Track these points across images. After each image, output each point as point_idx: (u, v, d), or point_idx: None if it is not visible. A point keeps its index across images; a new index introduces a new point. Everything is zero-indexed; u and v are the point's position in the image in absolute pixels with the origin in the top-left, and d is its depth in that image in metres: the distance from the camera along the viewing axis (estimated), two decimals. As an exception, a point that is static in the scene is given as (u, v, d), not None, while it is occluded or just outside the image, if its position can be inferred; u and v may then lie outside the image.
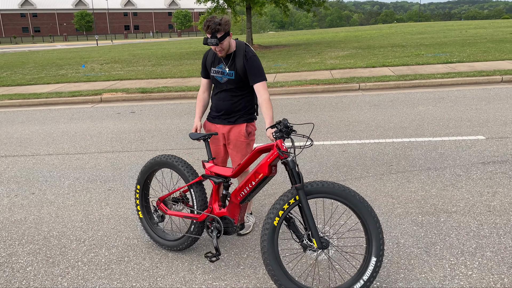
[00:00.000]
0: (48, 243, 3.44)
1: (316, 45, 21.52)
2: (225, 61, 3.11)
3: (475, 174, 4.34)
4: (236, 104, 3.18)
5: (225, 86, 3.15)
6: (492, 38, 18.76)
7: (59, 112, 9.21)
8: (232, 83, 3.12)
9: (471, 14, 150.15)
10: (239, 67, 3.05)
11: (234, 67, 3.08)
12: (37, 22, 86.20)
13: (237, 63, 3.06)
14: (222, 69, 3.11)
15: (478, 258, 2.89)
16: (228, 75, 3.10)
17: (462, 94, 8.43)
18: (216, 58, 3.15)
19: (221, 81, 3.14)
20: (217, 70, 3.15)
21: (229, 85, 3.13)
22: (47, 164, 5.51)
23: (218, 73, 3.14)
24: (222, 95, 3.18)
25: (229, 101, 3.17)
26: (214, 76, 3.17)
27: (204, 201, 3.00)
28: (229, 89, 3.15)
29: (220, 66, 3.12)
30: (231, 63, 3.09)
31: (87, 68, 16.79)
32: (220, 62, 3.13)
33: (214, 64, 3.16)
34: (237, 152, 3.23)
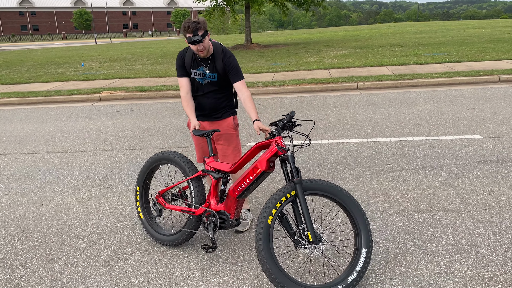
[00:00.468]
0: (47, 240, 3.47)
1: (315, 44, 21.55)
2: (204, 63, 3.16)
3: (472, 172, 4.38)
4: (220, 101, 3.29)
5: (206, 88, 3.22)
6: (490, 38, 18.81)
7: (58, 110, 9.22)
8: (215, 84, 3.20)
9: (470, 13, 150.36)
10: (220, 68, 3.14)
11: (215, 69, 3.15)
12: (35, 20, 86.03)
13: (218, 65, 3.14)
14: (203, 71, 3.17)
15: (473, 256, 2.92)
16: (210, 77, 3.18)
17: (459, 93, 8.47)
18: (195, 60, 3.18)
19: (202, 83, 3.20)
20: (198, 72, 3.19)
21: (211, 86, 3.21)
22: (46, 162, 5.53)
23: (199, 75, 3.19)
24: (204, 95, 3.25)
25: (213, 99, 3.26)
26: (195, 78, 3.21)
27: (202, 196, 3.06)
28: (211, 90, 3.23)
29: (201, 69, 3.17)
30: (211, 65, 3.15)
31: (86, 67, 16.79)
32: (200, 64, 3.17)
33: (194, 66, 3.19)
34: (229, 145, 3.34)
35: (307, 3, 21.47)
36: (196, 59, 3.18)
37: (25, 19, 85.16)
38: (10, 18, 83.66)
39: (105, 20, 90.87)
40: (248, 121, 7.17)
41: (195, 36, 2.93)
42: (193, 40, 2.94)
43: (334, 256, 3.02)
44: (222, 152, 3.38)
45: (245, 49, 20.33)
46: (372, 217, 3.56)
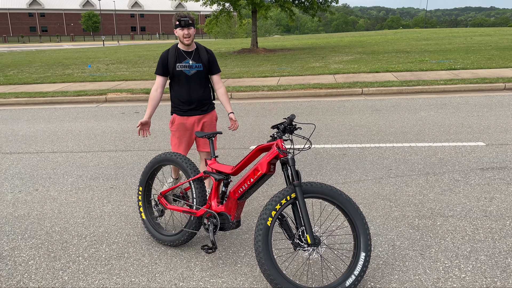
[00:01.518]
0: (50, 238, 3.51)
1: (321, 50, 21.59)
2: (190, 56, 3.53)
3: (473, 179, 4.38)
4: (205, 93, 3.66)
5: (193, 79, 3.55)
6: (497, 46, 18.76)
7: (64, 111, 9.31)
8: (201, 73, 3.57)
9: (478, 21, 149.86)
10: (204, 60, 3.57)
11: (200, 60, 3.56)
12: (44, 22, 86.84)
13: (202, 57, 3.56)
14: (190, 63, 3.52)
15: (472, 262, 2.93)
16: (197, 67, 3.54)
17: (464, 100, 8.46)
18: (180, 55, 3.52)
19: (189, 73, 3.53)
20: (184, 65, 3.51)
21: (198, 76, 3.56)
22: (51, 162, 5.59)
23: (186, 67, 3.52)
24: (191, 88, 3.57)
25: (199, 91, 3.60)
26: (182, 71, 3.51)
27: (203, 197, 3.10)
28: (197, 80, 3.57)
29: (187, 61, 3.52)
30: (197, 57, 3.55)
31: (93, 68, 16.93)
32: (185, 58, 3.52)
33: (179, 60, 3.52)
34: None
35: (314, 9, 21.53)
36: (180, 54, 3.52)
37: (34, 20, 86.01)
38: (20, 19, 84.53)
39: (113, 23, 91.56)
40: (251, 124, 7.21)
41: (186, 18, 3.35)
42: (183, 19, 3.35)
43: (333, 259, 3.04)
44: (204, 140, 3.76)
45: (251, 53, 20.42)
46: (373, 221, 3.57)
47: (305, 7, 21.60)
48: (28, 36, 79.47)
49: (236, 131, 6.82)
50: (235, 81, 12.08)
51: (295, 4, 21.67)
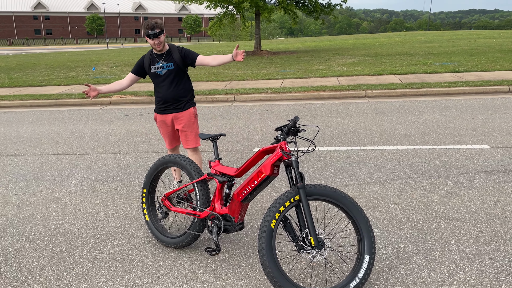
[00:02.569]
0: (54, 239, 3.52)
1: (324, 52, 21.59)
2: (160, 58, 3.81)
3: (478, 182, 4.36)
4: (180, 91, 3.88)
5: (165, 77, 3.81)
6: (501, 48, 18.70)
7: (68, 113, 9.35)
8: (172, 72, 3.82)
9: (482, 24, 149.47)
10: (177, 58, 3.81)
11: (172, 60, 3.82)
12: (49, 24, 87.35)
13: (174, 56, 3.82)
14: (162, 64, 3.81)
15: (477, 265, 2.91)
16: (168, 67, 3.81)
17: (468, 103, 8.44)
18: (153, 59, 3.83)
19: (162, 73, 3.82)
20: (156, 67, 3.82)
21: (170, 75, 3.82)
22: (55, 164, 5.61)
23: (158, 68, 3.82)
24: (166, 87, 3.83)
25: (173, 90, 3.84)
26: (155, 72, 3.82)
27: (207, 199, 3.10)
28: (170, 79, 3.82)
29: (158, 63, 3.82)
30: (168, 58, 3.82)
31: (97, 71, 17.01)
32: (157, 60, 3.82)
33: (152, 63, 3.83)
34: (191, 131, 3.98)
35: (317, 11, 21.55)
36: (153, 57, 3.84)
37: (39, 23, 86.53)
38: (24, 22, 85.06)
39: (117, 25, 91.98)
40: (254, 126, 7.22)
41: (152, 31, 3.63)
42: (150, 34, 3.63)
43: (337, 262, 3.03)
44: (184, 137, 3.99)
45: (255, 56, 20.45)
46: (377, 224, 3.56)
47: (308, 10, 21.62)
48: (33, 39, 79.94)
49: (239, 134, 6.83)
50: (238, 83, 12.10)
51: (299, 6, 21.70)
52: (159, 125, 4.06)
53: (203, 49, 32.37)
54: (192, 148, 4.03)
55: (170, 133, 4.07)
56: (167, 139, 4.12)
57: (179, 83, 3.90)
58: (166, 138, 4.11)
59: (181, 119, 3.95)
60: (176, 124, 3.98)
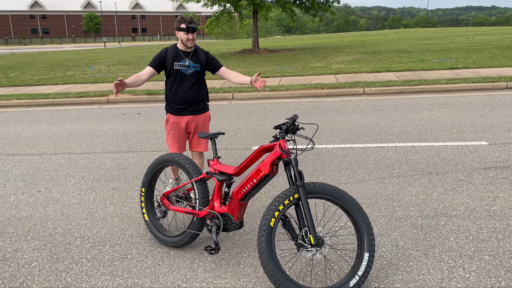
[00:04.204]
0: (53, 239, 3.51)
1: (322, 50, 21.57)
2: (189, 56, 3.65)
3: (477, 179, 4.36)
4: (200, 93, 3.77)
5: (189, 79, 3.66)
6: (499, 45, 18.71)
7: (66, 112, 9.32)
8: (197, 74, 3.70)
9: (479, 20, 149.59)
10: (203, 61, 3.71)
11: (198, 61, 3.69)
12: (46, 23, 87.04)
13: (201, 58, 3.71)
14: (188, 63, 3.65)
15: (476, 262, 2.91)
16: (195, 68, 3.67)
17: (466, 100, 8.44)
18: (179, 55, 3.64)
19: (186, 73, 3.65)
20: (182, 64, 3.63)
21: (194, 76, 3.68)
22: (53, 163, 5.60)
23: (183, 66, 3.64)
24: (187, 87, 3.67)
25: (194, 91, 3.70)
26: (180, 70, 3.63)
27: (206, 198, 3.09)
28: (194, 80, 3.68)
29: (185, 61, 3.64)
30: (195, 58, 3.68)
31: (95, 70, 16.96)
32: (183, 57, 3.64)
33: (177, 59, 3.63)
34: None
35: (315, 9, 21.51)
36: (179, 54, 3.64)
37: (36, 22, 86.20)
38: (21, 21, 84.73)
39: (114, 24, 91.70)
40: (253, 124, 7.20)
41: (191, 25, 3.47)
42: (190, 26, 3.46)
43: (337, 260, 3.03)
44: (196, 140, 3.87)
45: (253, 54, 20.42)
46: (376, 221, 3.56)
47: (306, 7, 21.58)
48: (30, 38, 79.63)
49: (238, 132, 6.82)
50: (236, 81, 12.07)
51: (296, 4, 21.66)
52: (170, 127, 3.81)
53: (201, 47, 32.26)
54: (200, 152, 3.94)
55: (181, 137, 3.84)
56: (176, 144, 3.83)
57: (200, 86, 3.77)
58: (175, 142, 3.83)
59: (196, 122, 3.81)
60: (190, 126, 3.81)
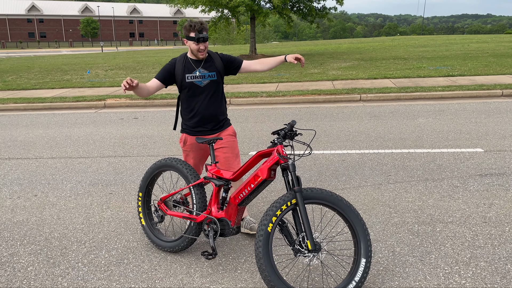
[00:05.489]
0: (49, 244, 3.50)
1: (319, 56, 21.69)
2: (202, 65, 3.22)
3: (472, 185, 4.39)
4: (220, 107, 3.32)
5: (205, 90, 3.22)
6: (494, 53, 18.88)
7: (63, 116, 9.31)
8: (214, 83, 3.24)
9: (474, 28, 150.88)
10: (219, 67, 3.25)
11: (214, 68, 3.24)
12: (43, 27, 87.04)
13: (217, 64, 3.25)
14: (201, 73, 3.20)
15: (472, 268, 2.93)
16: (210, 77, 3.22)
17: (462, 107, 8.50)
18: (189, 65, 3.20)
19: (201, 85, 3.20)
20: (194, 75, 3.19)
21: (211, 86, 3.23)
22: (50, 167, 5.58)
23: (196, 77, 3.19)
24: (204, 101, 3.23)
25: (214, 105, 3.27)
26: (193, 82, 3.19)
27: (204, 202, 3.09)
28: (211, 91, 3.24)
29: (196, 71, 3.20)
30: (209, 65, 3.24)
31: (92, 74, 16.95)
32: (194, 68, 3.20)
33: (188, 70, 3.19)
34: (232, 152, 3.36)
35: (312, 15, 21.65)
36: (189, 64, 3.21)
37: (33, 26, 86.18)
38: (18, 25, 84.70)
39: (112, 29, 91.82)
40: (250, 130, 7.22)
41: (202, 33, 3.05)
42: (200, 37, 3.04)
43: (333, 265, 3.04)
44: (227, 161, 3.32)
45: (250, 59, 20.47)
46: (372, 227, 3.57)
47: (303, 14, 21.71)
48: (27, 42, 79.57)
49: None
50: (233, 87, 12.11)
51: (294, 11, 21.78)
52: (188, 149, 3.38)
53: (198, 53, 32.36)
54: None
55: (201, 158, 3.42)
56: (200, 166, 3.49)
57: (219, 97, 3.30)
58: (199, 164, 3.46)
59: (219, 141, 3.33)
60: (215, 145, 3.36)
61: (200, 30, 3.05)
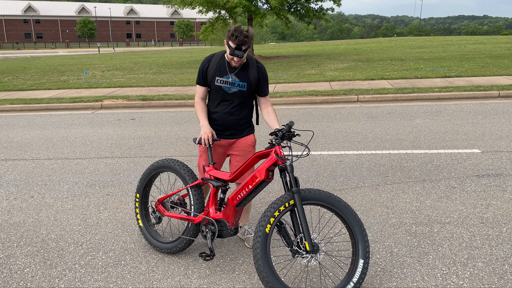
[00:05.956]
0: (46, 245, 3.48)
1: (316, 57, 21.71)
2: (235, 71, 3.01)
3: (470, 186, 4.40)
4: (243, 116, 3.14)
5: (232, 98, 3.05)
6: (491, 54, 18.96)
7: (59, 117, 9.28)
8: (243, 94, 3.05)
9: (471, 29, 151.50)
10: (252, 79, 3.02)
11: (247, 79, 3.02)
12: (40, 28, 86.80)
13: (251, 74, 3.02)
14: (232, 80, 3.00)
15: (470, 269, 2.93)
16: (240, 87, 3.02)
17: (459, 108, 8.53)
18: (222, 68, 3.02)
19: (229, 91, 3.03)
20: (225, 81, 3.01)
21: (238, 96, 3.05)
22: (46, 168, 5.56)
23: (226, 83, 3.01)
24: (228, 108, 3.08)
25: (237, 113, 3.11)
26: (221, 87, 3.03)
27: (201, 204, 3.08)
28: (237, 102, 3.07)
29: (229, 77, 3.00)
30: (243, 74, 3.01)
31: (89, 75, 16.91)
32: (227, 72, 3.01)
33: (220, 73, 3.02)
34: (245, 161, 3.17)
35: (310, 16, 21.68)
36: (223, 66, 3.02)
37: (29, 27, 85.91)
38: (15, 25, 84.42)
39: (108, 29, 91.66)
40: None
41: (237, 51, 2.83)
42: (235, 53, 2.84)
43: (331, 266, 3.03)
44: (236, 166, 3.23)
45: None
46: (370, 228, 3.58)
47: (300, 15, 21.74)
48: (23, 42, 79.29)
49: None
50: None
51: (291, 11, 21.81)
52: (204, 149, 3.24)
53: (195, 53, 32.39)
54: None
55: (218, 157, 3.26)
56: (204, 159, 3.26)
57: (245, 109, 3.14)
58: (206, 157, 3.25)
59: (235, 147, 3.21)
60: (230, 149, 3.25)
61: (240, 45, 2.80)
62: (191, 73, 16.39)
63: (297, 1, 21.39)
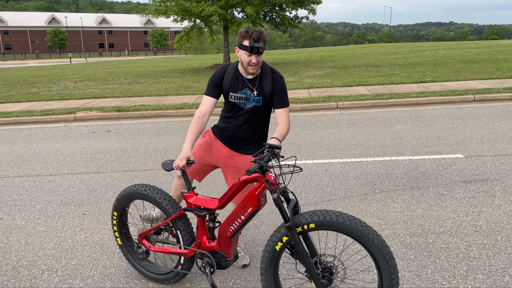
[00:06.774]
0: (17, 274, 3.19)
1: (293, 65, 21.76)
2: (251, 85, 2.76)
3: (458, 193, 4.34)
4: (256, 132, 2.92)
5: (246, 113, 2.83)
6: (462, 59, 19.43)
7: (30, 131, 8.85)
8: (258, 109, 2.82)
9: (438, 36, 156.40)
10: (267, 91, 2.76)
11: (261, 92, 2.77)
12: (8, 39, 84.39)
13: (265, 86, 2.76)
14: (248, 95, 2.77)
15: (471, 282, 2.83)
16: (255, 102, 2.78)
17: (437, 112, 8.59)
18: (238, 82, 2.78)
19: (244, 107, 2.81)
20: (240, 96, 2.78)
21: (252, 113, 2.82)
22: (16, 187, 5.21)
23: (242, 99, 2.78)
24: (240, 122, 2.87)
25: (249, 130, 2.89)
26: (236, 103, 2.81)
27: (190, 234, 2.76)
28: (251, 118, 2.85)
29: (245, 92, 2.77)
30: (258, 87, 2.76)
31: (61, 86, 16.36)
32: (244, 86, 2.77)
33: (235, 88, 2.78)
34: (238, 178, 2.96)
35: (285, 25, 21.75)
36: (238, 81, 2.78)
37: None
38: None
39: (80, 39, 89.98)
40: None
41: (258, 43, 2.56)
42: (256, 46, 2.55)
43: None
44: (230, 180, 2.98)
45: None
46: (363, 241, 3.44)
47: (276, 23, 21.78)
48: (-10, 54, 76.78)
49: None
50: (209, 97, 11.89)
51: (267, 20, 21.83)
52: (200, 143, 3.01)
53: (171, 63, 32.01)
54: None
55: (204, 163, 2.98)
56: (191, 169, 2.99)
57: (260, 125, 2.90)
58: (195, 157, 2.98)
59: (235, 162, 2.95)
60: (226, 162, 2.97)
61: (257, 39, 2.55)
62: (168, 82, 16.09)
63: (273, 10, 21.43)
